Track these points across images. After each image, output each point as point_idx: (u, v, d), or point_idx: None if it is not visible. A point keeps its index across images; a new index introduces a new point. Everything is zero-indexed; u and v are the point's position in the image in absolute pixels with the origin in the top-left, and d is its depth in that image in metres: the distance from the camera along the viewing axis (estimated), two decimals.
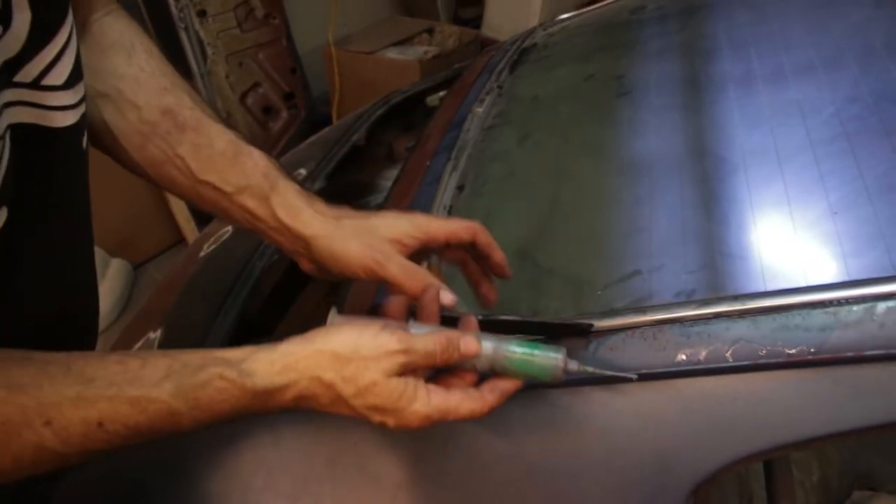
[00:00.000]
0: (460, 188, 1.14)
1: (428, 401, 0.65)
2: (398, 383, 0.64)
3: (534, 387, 0.78)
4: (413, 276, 0.74)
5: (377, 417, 0.64)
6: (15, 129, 0.60)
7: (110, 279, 3.03)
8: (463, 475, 0.83)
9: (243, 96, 3.37)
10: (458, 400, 0.66)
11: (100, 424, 0.56)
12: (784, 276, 0.78)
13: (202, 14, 3.09)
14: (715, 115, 1.08)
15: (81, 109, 0.68)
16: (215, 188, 0.79)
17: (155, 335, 1.39)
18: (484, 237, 0.78)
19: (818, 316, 0.67)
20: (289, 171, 1.75)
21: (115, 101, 0.77)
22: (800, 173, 0.90)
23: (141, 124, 0.78)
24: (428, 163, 1.26)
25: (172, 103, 0.79)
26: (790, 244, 0.82)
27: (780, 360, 0.67)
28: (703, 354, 0.70)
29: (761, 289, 0.77)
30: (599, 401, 0.75)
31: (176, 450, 1.03)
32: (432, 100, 2.07)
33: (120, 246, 3.15)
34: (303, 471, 0.92)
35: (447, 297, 0.73)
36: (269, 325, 1.36)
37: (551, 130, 1.26)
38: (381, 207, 1.26)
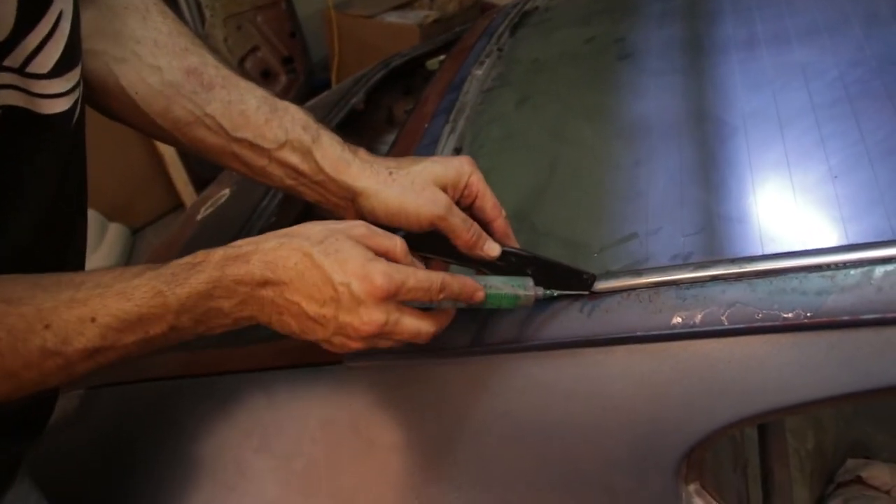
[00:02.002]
0: (458, 150, 1.13)
1: (389, 264, 0.65)
2: (367, 250, 0.65)
3: (528, 349, 0.78)
4: (470, 228, 0.74)
5: (341, 277, 0.63)
6: (6, 111, 0.60)
7: (108, 244, 3.03)
8: (455, 438, 0.83)
9: (242, 60, 3.35)
10: (415, 269, 0.67)
11: (93, 320, 0.59)
12: (782, 239, 0.77)
13: None
14: (716, 77, 1.07)
15: (75, 95, 0.67)
16: (252, 145, 0.77)
17: None
18: (502, 225, 0.79)
19: (815, 280, 0.67)
20: None
21: (133, 66, 0.75)
22: (800, 136, 0.89)
23: (164, 87, 0.76)
24: (426, 125, 1.25)
25: (196, 62, 0.77)
26: (789, 207, 0.81)
27: (776, 323, 0.66)
28: (698, 317, 0.69)
29: (759, 252, 0.76)
30: (592, 363, 0.75)
31: (169, 410, 1.03)
32: (432, 63, 2.06)
33: (118, 210, 3.15)
34: (297, 433, 0.93)
35: (494, 249, 0.76)
36: None
37: (550, 93, 1.25)
38: None
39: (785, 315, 0.66)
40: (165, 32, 0.77)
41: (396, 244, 0.68)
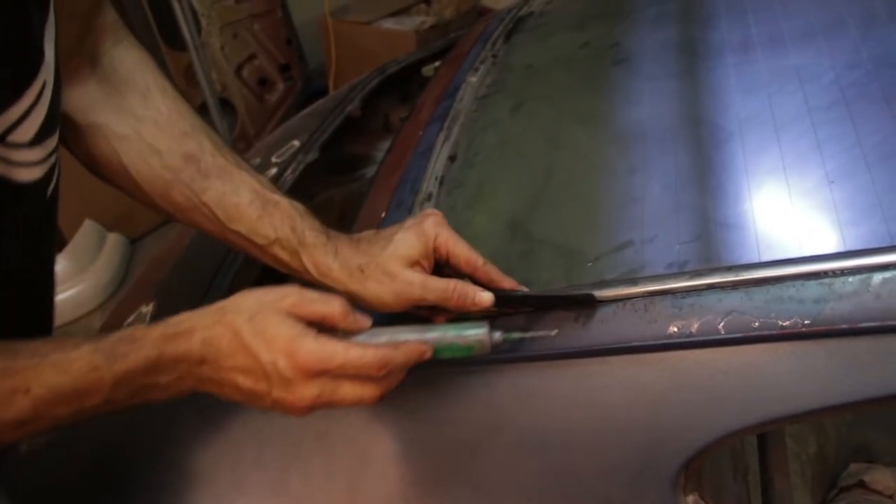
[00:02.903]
0: (452, 158, 1.12)
1: (318, 339, 0.65)
2: (295, 324, 0.65)
3: (524, 360, 0.77)
4: (451, 294, 0.75)
5: (267, 356, 0.63)
6: None
7: (107, 254, 3.02)
8: (451, 450, 0.82)
9: (239, 68, 3.34)
10: (347, 345, 0.66)
11: (26, 392, 0.58)
12: (779, 246, 0.76)
13: None
14: (711, 82, 1.06)
15: (50, 162, 0.68)
16: (245, 238, 0.80)
17: (147, 309, 1.38)
18: (483, 274, 0.78)
19: (813, 287, 0.66)
20: (283, 143, 1.73)
21: (134, 145, 0.78)
22: (796, 141, 0.88)
23: (163, 170, 0.79)
24: (420, 133, 1.24)
25: (194, 148, 0.80)
26: (786, 213, 0.80)
27: (774, 332, 0.65)
28: (695, 326, 0.69)
29: (755, 259, 0.75)
30: (588, 373, 0.74)
31: (164, 422, 1.02)
32: (428, 70, 2.05)
33: (117, 220, 3.14)
34: (293, 444, 0.92)
35: (485, 300, 0.75)
36: None
37: (545, 99, 1.24)
38: (373, 178, 1.25)
39: (782, 323, 0.65)
40: (165, 114, 0.79)
41: (334, 308, 0.67)
